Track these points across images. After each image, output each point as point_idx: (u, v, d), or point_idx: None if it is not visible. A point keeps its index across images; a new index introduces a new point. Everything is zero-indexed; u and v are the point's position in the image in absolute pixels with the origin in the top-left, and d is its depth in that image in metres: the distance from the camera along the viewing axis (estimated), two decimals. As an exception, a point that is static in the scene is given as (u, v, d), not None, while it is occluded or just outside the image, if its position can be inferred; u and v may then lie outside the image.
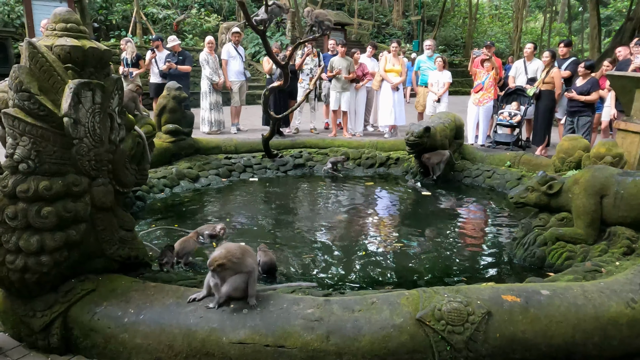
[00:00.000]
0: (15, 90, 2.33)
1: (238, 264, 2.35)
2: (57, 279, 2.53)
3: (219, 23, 18.06)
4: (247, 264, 2.38)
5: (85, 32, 2.64)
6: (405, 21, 28.91)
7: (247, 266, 2.37)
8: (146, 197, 5.39)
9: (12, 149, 2.37)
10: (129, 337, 2.39)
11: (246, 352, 2.26)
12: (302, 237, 4.36)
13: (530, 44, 8.85)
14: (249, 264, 2.38)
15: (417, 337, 2.26)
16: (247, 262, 2.38)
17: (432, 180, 6.35)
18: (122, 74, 9.26)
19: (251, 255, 2.45)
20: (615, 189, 3.42)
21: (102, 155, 2.63)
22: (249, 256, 2.41)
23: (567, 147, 4.98)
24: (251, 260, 2.41)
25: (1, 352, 2.52)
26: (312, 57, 9.66)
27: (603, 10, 29.16)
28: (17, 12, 13.14)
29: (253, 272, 2.39)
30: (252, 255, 2.45)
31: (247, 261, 2.38)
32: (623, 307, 2.44)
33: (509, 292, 2.47)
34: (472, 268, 3.77)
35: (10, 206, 2.38)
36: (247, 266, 2.37)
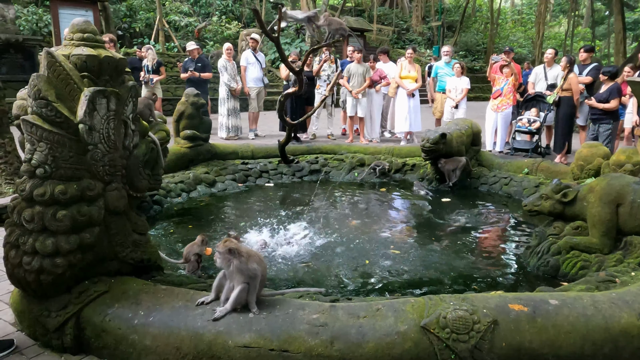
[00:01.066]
0: (34, 98, 2.43)
1: (244, 261, 2.40)
2: (71, 281, 2.61)
3: (240, 30, 18.31)
4: (250, 267, 2.41)
5: (102, 41, 2.72)
6: (426, 27, 28.79)
7: (250, 270, 2.40)
8: (163, 201, 5.49)
9: (30, 154, 2.47)
10: (139, 338, 2.45)
11: (251, 355, 2.29)
12: (313, 242, 4.38)
13: (551, 50, 8.74)
14: (252, 269, 2.41)
15: (421, 344, 2.25)
16: (251, 266, 2.41)
17: (448, 187, 6.30)
18: (143, 81, 9.45)
19: (257, 261, 2.48)
20: (632, 198, 3.36)
21: (116, 161, 2.71)
22: (254, 261, 2.44)
23: (586, 155, 4.90)
24: (255, 266, 2.43)
25: (17, 350, 2.61)
26: (330, 64, 9.72)
27: (630, 14, 28.53)
28: (44, 20, 13.57)
29: (255, 279, 2.42)
30: (258, 262, 2.48)
31: (251, 265, 2.42)
32: (635, 319, 2.39)
33: (516, 301, 2.45)
34: (484, 276, 3.73)
35: (27, 209, 2.47)
36: (249, 269, 2.40)
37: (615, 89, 7.12)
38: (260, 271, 2.45)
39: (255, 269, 2.41)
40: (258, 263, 2.47)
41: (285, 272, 3.73)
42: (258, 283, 2.43)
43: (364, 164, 7.27)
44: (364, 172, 6.96)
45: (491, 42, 26.00)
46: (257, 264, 2.45)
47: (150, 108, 4.25)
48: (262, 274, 2.48)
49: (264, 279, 2.52)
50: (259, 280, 2.44)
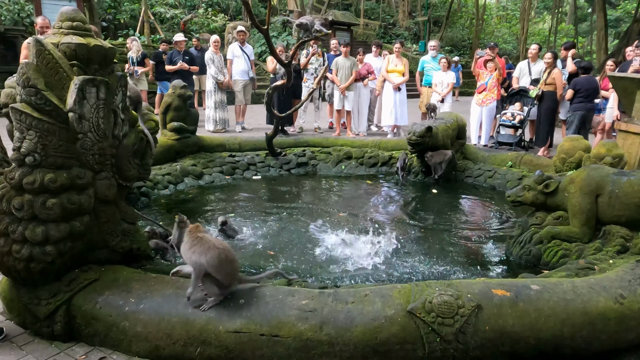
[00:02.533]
0: (23, 86, 2.42)
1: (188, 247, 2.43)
2: (61, 269, 2.62)
3: (226, 23, 18.19)
4: (193, 258, 2.41)
5: (91, 30, 2.73)
6: (412, 22, 28.89)
7: (193, 261, 2.42)
8: (151, 193, 5.48)
9: (19, 142, 2.47)
10: (130, 325, 2.48)
11: (242, 340, 2.34)
12: (302, 232, 4.42)
13: (535, 45, 8.89)
14: (194, 260, 2.41)
15: (407, 328, 2.32)
16: (193, 257, 2.41)
17: (434, 180, 6.39)
18: (128, 72, 9.37)
19: (204, 251, 2.41)
20: (610, 188, 3.46)
21: (106, 150, 2.72)
22: (199, 251, 2.41)
23: (567, 148, 5.01)
24: (196, 258, 2.40)
25: (7, 338, 2.62)
26: (317, 57, 9.74)
27: (612, 11, 29.00)
28: (26, 10, 13.32)
29: (196, 269, 2.42)
30: (205, 251, 2.41)
31: (193, 256, 2.41)
32: (612, 303, 2.49)
33: (499, 286, 2.53)
34: (468, 265, 3.81)
35: (17, 197, 2.47)
36: (192, 260, 2.42)
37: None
38: (202, 262, 2.40)
39: (196, 260, 2.40)
40: (203, 253, 2.40)
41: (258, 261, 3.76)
42: (198, 273, 2.42)
43: (351, 157, 7.33)
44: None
45: (476, 38, 26.21)
46: (201, 254, 2.40)
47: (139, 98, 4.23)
48: (213, 265, 2.40)
49: (216, 269, 2.42)
50: (201, 271, 2.42)
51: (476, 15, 27.43)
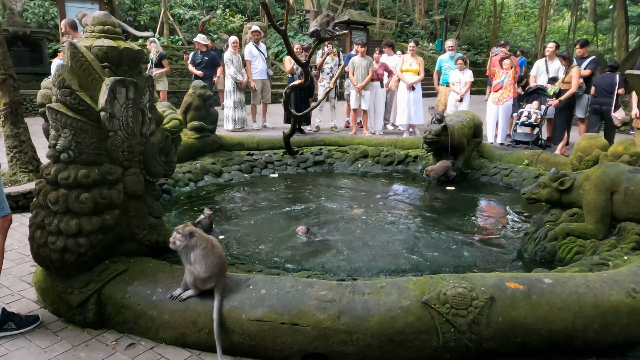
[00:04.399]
0: (58, 87, 2.57)
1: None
2: (93, 260, 2.77)
3: (244, 23, 18.39)
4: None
5: (120, 33, 2.87)
6: (429, 20, 28.78)
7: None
8: (172, 190, 5.65)
9: (54, 140, 2.62)
10: (157, 313, 2.61)
11: (263, 328, 2.45)
12: (317, 228, 4.53)
13: (552, 43, 8.85)
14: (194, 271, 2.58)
15: (422, 319, 2.41)
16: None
17: (450, 179, 6.42)
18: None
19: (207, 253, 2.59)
20: (626, 186, 3.49)
21: (134, 147, 2.86)
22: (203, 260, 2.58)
23: (584, 146, 5.00)
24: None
25: (42, 325, 2.77)
26: (333, 57, 9.84)
27: (634, 8, 28.45)
28: (51, 13, 13.69)
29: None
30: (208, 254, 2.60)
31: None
32: (624, 296, 2.54)
33: (512, 279, 2.60)
34: (483, 261, 3.87)
35: (52, 192, 2.62)
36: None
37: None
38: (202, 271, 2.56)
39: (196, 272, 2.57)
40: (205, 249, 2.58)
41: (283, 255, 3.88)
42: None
43: (367, 155, 7.41)
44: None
45: (494, 36, 25.98)
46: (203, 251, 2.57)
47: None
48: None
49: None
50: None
51: (494, 13, 27.20)
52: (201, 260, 2.55)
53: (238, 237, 4.30)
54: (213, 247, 2.60)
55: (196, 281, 2.56)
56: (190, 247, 2.58)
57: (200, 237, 2.61)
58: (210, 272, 2.54)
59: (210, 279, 2.56)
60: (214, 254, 2.57)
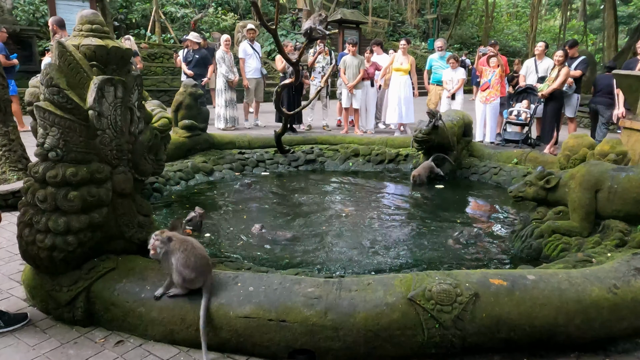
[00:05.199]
0: (46, 85, 2.58)
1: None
2: (81, 258, 2.78)
3: (236, 22, 18.36)
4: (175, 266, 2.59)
5: (109, 32, 2.87)
6: (421, 19, 28.89)
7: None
8: (163, 189, 5.65)
9: (42, 138, 2.62)
10: (146, 311, 2.63)
11: (251, 325, 2.48)
12: (308, 226, 4.56)
13: (541, 43, 8.93)
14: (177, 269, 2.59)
15: (408, 315, 2.45)
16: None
17: (440, 177, 6.47)
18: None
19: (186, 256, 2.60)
20: (610, 184, 3.55)
21: (123, 146, 2.87)
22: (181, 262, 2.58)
23: (572, 145, 5.06)
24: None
25: (31, 322, 2.78)
26: (324, 56, 9.87)
27: (624, 8, 28.73)
28: (41, 11, 13.59)
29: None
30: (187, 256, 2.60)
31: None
32: (605, 292, 2.59)
33: (496, 276, 2.64)
34: (470, 258, 3.92)
35: (40, 190, 2.63)
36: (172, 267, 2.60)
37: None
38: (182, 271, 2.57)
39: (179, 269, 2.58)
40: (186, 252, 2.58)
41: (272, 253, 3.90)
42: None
43: (358, 154, 7.45)
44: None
45: (486, 36, 26.14)
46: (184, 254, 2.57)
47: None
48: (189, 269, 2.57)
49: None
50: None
51: (485, 13, 27.37)
52: (184, 262, 2.55)
53: (227, 234, 4.32)
54: (194, 248, 2.61)
55: (185, 283, 2.57)
56: (171, 252, 2.58)
57: (178, 240, 2.61)
58: (195, 271, 2.55)
59: (197, 278, 2.57)
60: (195, 255, 2.58)
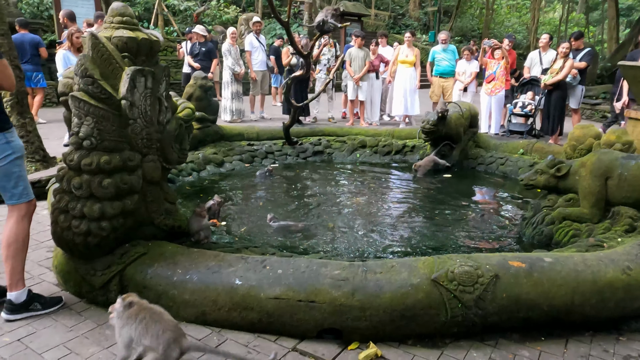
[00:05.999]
0: (81, 76, 2.67)
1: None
2: (114, 243, 2.88)
3: (238, 14, 18.36)
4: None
5: (138, 24, 2.96)
6: (422, 12, 28.87)
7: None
8: (176, 179, 5.75)
9: (77, 127, 2.71)
10: (178, 293, 2.73)
11: (281, 306, 2.58)
12: (319, 216, 4.67)
13: (546, 35, 9.02)
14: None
15: (432, 295, 2.56)
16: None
17: (447, 168, 6.58)
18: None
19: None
20: (619, 171, 3.65)
21: (152, 135, 2.96)
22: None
23: (578, 135, 5.17)
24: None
25: (66, 306, 2.89)
26: (329, 48, 9.93)
27: (624, 0, 28.72)
28: (45, 4, 13.59)
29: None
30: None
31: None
32: (619, 273, 2.71)
33: (515, 259, 2.75)
34: (481, 246, 4.03)
35: (76, 178, 2.72)
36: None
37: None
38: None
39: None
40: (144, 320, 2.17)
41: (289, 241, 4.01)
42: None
43: (365, 145, 7.54)
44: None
45: (486, 28, 26.15)
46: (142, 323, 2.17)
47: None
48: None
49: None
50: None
51: (486, 5, 27.35)
52: (146, 333, 2.15)
53: (245, 223, 4.43)
54: (154, 314, 2.22)
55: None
56: (129, 322, 2.18)
57: (140, 307, 2.23)
58: (164, 343, 2.13)
59: (170, 349, 2.13)
60: (158, 322, 2.18)
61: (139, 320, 2.17)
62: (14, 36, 8.73)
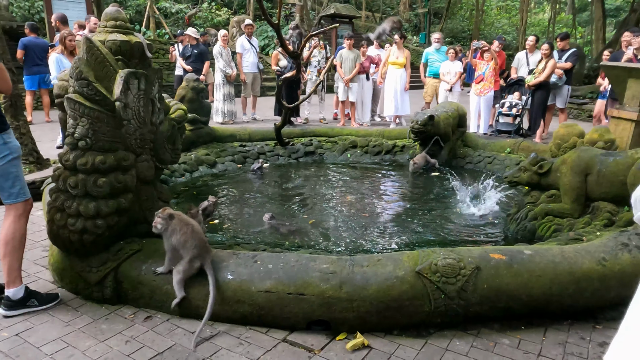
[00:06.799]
0: (76, 79, 2.75)
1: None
2: (109, 240, 2.97)
3: (230, 17, 18.44)
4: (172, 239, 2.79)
5: (130, 28, 3.05)
6: (413, 13, 29.10)
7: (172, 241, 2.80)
8: (169, 180, 5.83)
9: (72, 128, 2.80)
10: (172, 288, 2.82)
11: (271, 299, 2.68)
12: (311, 214, 4.77)
13: (532, 37, 9.19)
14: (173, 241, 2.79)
15: (416, 286, 2.67)
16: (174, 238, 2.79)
17: (436, 168, 6.71)
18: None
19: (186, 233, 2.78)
20: (599, 168, 3.79)
21: (146, 135, 3.06)
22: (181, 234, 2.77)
23: (563, 134, 5.31)
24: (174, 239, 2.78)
25: (62, 302, 2.97)
26: (320, 50, 10.04)
27: (612, 1, 29.12)
28: (36, 7, 13.61)
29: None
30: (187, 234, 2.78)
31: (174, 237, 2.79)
32: (595, 265, 2.83)
33: (496, 251, 2.87)
34: (468, 241, 4.16)
35: (71, 177, 2.81)
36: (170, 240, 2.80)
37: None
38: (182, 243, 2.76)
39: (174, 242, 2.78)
40: (185, 234, 2.76)
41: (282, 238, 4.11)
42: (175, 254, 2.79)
43: (356, 145, 7.66)
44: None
45: (476, 29, 26.40)
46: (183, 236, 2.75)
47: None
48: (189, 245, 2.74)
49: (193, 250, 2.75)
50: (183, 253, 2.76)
51: (476, 7, 27.59)
52: (183, 242, 2.74)
53: (239, 220, 4.52)
54: (193, 230, 2.78)
55: (183, 265, 2.72)
56: (172, 231, 2.76)
57: (180, 220, 2.79)
58: (192, 253, 2.72)
59: (195, 259, 2.73)
60: (193, 237, 2.75)
61: (182, 234, 2.75)
62: (28, 39, 8.84)
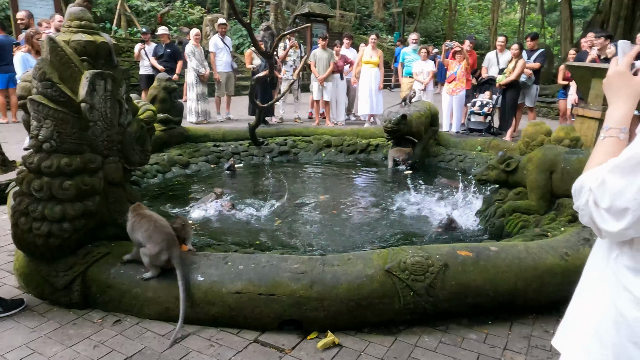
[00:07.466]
0: (39, 80, 2.70)
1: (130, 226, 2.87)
2: (76, 244, 2.92)
3: (203, 15, 18.24)
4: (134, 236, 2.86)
5: (96, 28, 3.00)
6: (387, 13, 29.31)
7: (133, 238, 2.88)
8: (141, 182, 5.74)
9: (36, 130, 2.74)
10: (142, 291, 2.80)
11: (242, 300, 2.68)
12: (286, 214, 4.78)
13: (502, 37, 9.38)
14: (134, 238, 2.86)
15: (385, 285, 2.71)
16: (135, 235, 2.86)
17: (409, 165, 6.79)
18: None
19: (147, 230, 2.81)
20: (563, 165, 3.90)
21: (113, 137, 3.01)
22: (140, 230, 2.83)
23: (531, 132, 5.45)
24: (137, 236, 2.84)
25: (28, 307, 2.91)
26: (295, 49, 10.04)
27: (579, 2, 29.90)
28: (1, 4, 13.21)
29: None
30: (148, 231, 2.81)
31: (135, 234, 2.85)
32: (558, 260, 2.93)
33: (463, 248, 2.94)
34: (440, 237, 4.23)
35: (36, 180, 2.75)
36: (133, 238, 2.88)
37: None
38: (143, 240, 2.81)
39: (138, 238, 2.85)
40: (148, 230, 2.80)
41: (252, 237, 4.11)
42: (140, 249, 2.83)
43: (330, 145, 7.69)
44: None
45: (450, 29, 26.77)
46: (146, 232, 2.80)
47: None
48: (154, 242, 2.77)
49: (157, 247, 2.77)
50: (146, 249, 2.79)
51: (449, 6, 27.98)
52: (147, 237, 2.77)
53: (215, 219, 4.51)
54: (155, 225, 2.81)
55: (150, 259, 2.75)
56: (137, 227, 2.81)
57: (143, 216, 2.85)
58: (159, 246, 2.74)
59: (161, 252, 2.74)
60: (156, 230, 2.78)
61: (144, 230, 2.79)
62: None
